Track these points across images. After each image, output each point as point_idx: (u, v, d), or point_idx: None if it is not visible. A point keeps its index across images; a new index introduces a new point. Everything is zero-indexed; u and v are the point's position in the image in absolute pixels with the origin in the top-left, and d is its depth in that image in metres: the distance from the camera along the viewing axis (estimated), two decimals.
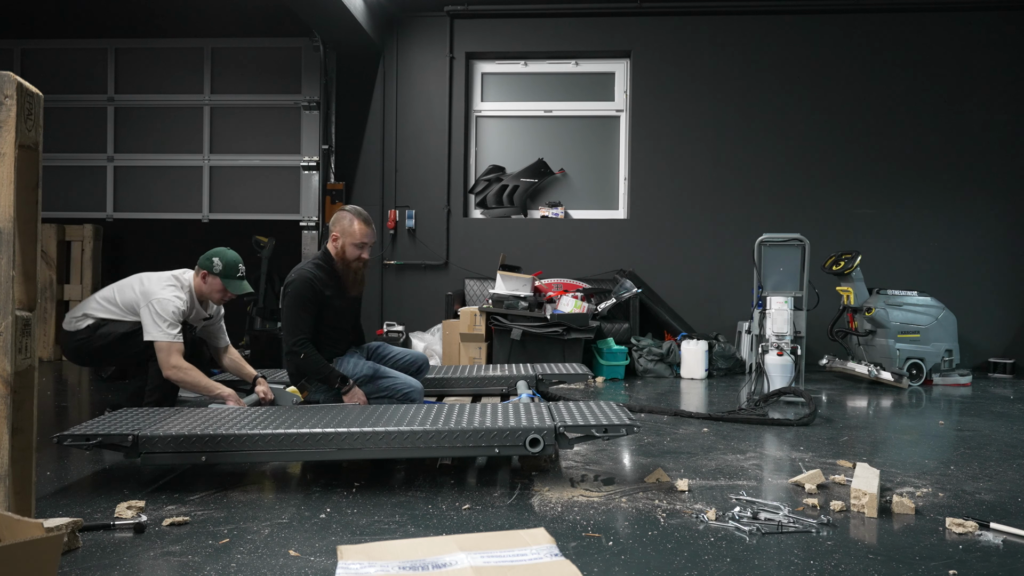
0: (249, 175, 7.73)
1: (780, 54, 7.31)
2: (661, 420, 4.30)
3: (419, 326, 7.15)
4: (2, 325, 1.95)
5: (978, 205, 7.18)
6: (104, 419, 2.98)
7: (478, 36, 7.56)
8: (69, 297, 7.01)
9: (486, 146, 7.74)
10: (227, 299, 3.90)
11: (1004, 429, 4.17)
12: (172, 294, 3.67)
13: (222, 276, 3.80)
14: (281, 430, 2.76)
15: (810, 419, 4.21)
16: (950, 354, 6.07)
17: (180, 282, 3.78)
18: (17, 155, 1.96)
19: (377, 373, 3.69)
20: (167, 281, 3.75)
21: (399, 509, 2.56)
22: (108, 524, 2.32)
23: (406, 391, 3.66)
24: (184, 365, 3.58)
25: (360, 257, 3.68)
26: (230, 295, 3.86)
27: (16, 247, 1.97)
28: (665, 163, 7.38)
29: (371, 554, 1.96)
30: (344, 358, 3.69)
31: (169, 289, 3.69)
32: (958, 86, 7.19)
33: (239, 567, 2.04)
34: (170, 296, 3.64)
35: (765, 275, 5.28)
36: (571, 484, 2.88)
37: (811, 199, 7.27)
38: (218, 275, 3.80)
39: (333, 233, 3.69)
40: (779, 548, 2.23)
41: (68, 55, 7.80)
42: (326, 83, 7.52)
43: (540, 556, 1.95)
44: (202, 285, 3.82)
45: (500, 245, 7.34)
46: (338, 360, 3.66)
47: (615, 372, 6.17)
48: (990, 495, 2.83)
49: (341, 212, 3.73)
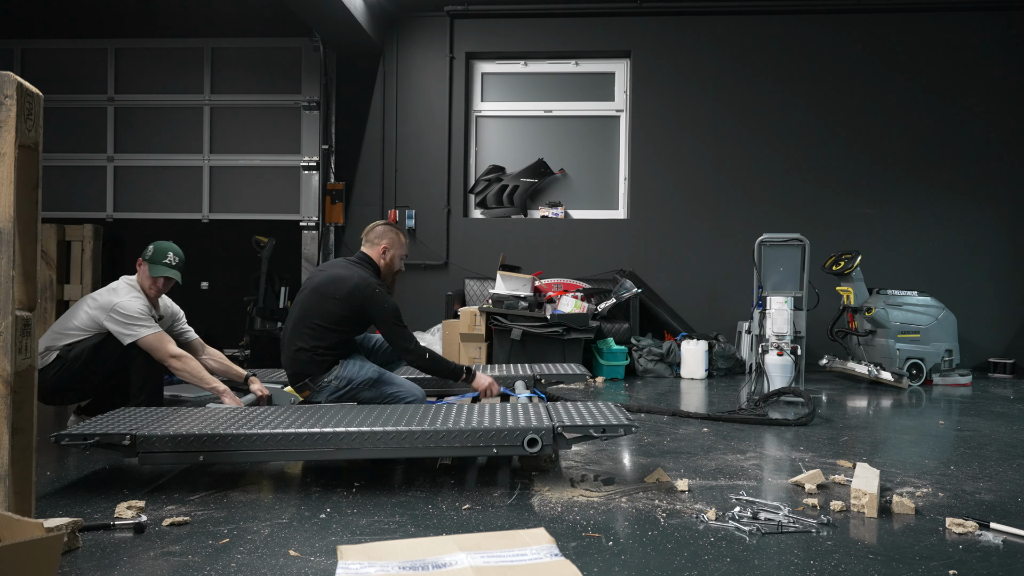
0: (249, 175, 7.73)
1: (780, 54, 7.31)
2: (661, 420, 4.30)
3: (419, 326, 7.15)
4: (2, 325, 1.95)
5: (978, 205, 7.18)
6: (102, 418, 2.98)
7: (478, 36, 7.56)
8: (69, 297, 7.01)
9: (486, 146, 7.74)
10: (158, 287, 3.74)
11: (1004, 429, 4.17)
12: (129, 296, 3.60)
13: (149, 261, 3.70)
14: (280, 430, 2.76)
15: (808, 419, 4.21)
16: (950, 354, 6.07)
17: (130, 285, 3.69)
18: (17, 155, 1.96)
19: (382, 378, 3.69)
20: (120, 288, 3.66)
21: (399, 509, 2.56)
22: (108, 524, 2.32)
23: (409, 400, 3.68)
24: (183, 353, 3.55)
25: (400, 269, 3.89)
26: (159, 283, 3.72)
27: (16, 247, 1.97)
28: (665, 163, 7.38)
29: (371, 554, 1.96)
30: (349, 360, 3.70)
31: (125, 292, 3.62)
32: (958, 86, 7.19)
33: (239, 567, 2.04)
34: (129, 298, 3.58)
35: (765, 275, 5.28)
36: (571, 484, 2.88)
37: (811, 199, 7.27)
38: (147, 260, 3.70)
39: (383, 244, 3.80)
40: (779, 548, 2.23)
41: (68, 55, 7.80)
42: (326, 83, 7.52)
43: (540, 556, 1.95)
44: (141, 277, 3.72)
45: (500, 245, 7.34)
46: (343, 362, 3.67)
47: (615, 372, 6.17)
48: (990, 495, 2.83)
49: (385, 227, 3.85)
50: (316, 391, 3.66)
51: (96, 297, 3.64)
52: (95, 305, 3.59)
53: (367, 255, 3.81)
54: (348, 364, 3.67)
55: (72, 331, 3.60)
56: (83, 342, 3.57)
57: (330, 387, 3.63)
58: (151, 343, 3.52)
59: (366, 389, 3.64)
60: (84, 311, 3.61)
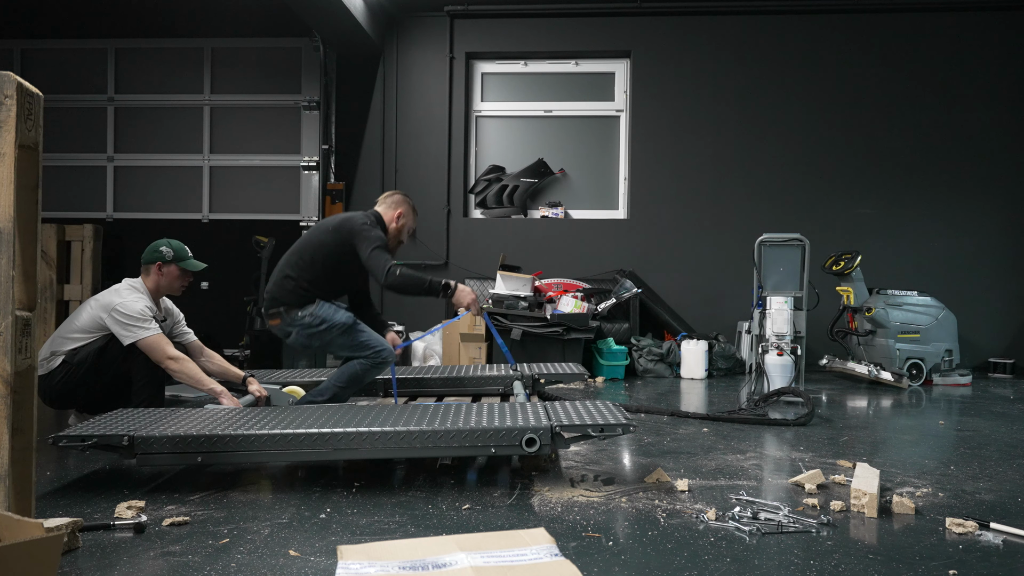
0: (249, 175, 7.73)
1: (780, 54, 7.31)
2: (661, 420, 4.30)
3: (420, 326, 7.16)
4: (2, 325, 1.95)
5: (978, 205, 7.18)
6: (101, 419, 2.98)
7: (478, 36, 7.56)
8: (69, 297, 7.01)
9: (486, 146, 7.74)
10: (187, 283, 3.88)
11: (1004, 429, 4.17)
12: (131, 296, 3.63)
13: (176, 260, 3.78)
14: (279, 430, 2.76)
15: (807, 419, 4.21)
16: (950, 354, 6.07)
17: (133, 286, 3.73)
18: (17, 155, 1.96)
19: (356, 327, 3.69)
20: (122, 287, 3.70)
21: (399, 509, 2.56)
22: (108, 524, 2.32)
23: (378, 348, 3.68)
24: (180, 355, 3.56)
25: (403, 241, 3.93)
26: (189, 278, 3.85)
27: (16, 247, 1.97)
28: (665, 163, 7.38)
29: (371, 554, 1.96)
30: (327, 303, 3.70)
31: (127, 292, 3.65)
32: (958, 86, 7.20)
33: (239, 567, 2.04)
34: (131, 298, 3.61)
35: (765, 275, 5.28)
36: (571, 484, 2.88)
37: (811, 199, 7.27)
38: (172, 261, 3.77)
39: (399, 211, 3.84)
40: (779, 548, 2.23)
41: (68, 55, 7.80)
42: (326, 83, 7.52)
43: (540, 556, 1.95)
44: (159, 279, 3.77)
45: (500, 245, 7.34)
46: (320, 302, 3.67)
47: (615, 372, 6.17)
48: (990, 495, 2.83)
49: (404, 197, 3.91)
50: (288, 322, 3.65)
51: (99, 298, 3.68)
52: (97, 305, 3.63)
53: (379, 213, 3.83)
54: (325, 305, 3.68)
55: (76, 334, 3.62)
56: (87, 347, 3.60)
57: (303, 322, 3.63)
58: (149, 344, 3.53)
59: (339, 335, 3.64)
60: (87, 312, 3.65)
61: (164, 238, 3.87)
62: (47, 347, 3.66)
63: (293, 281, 3.65)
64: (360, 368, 3.68)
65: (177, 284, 3.83)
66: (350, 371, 3.69)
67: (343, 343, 3.67)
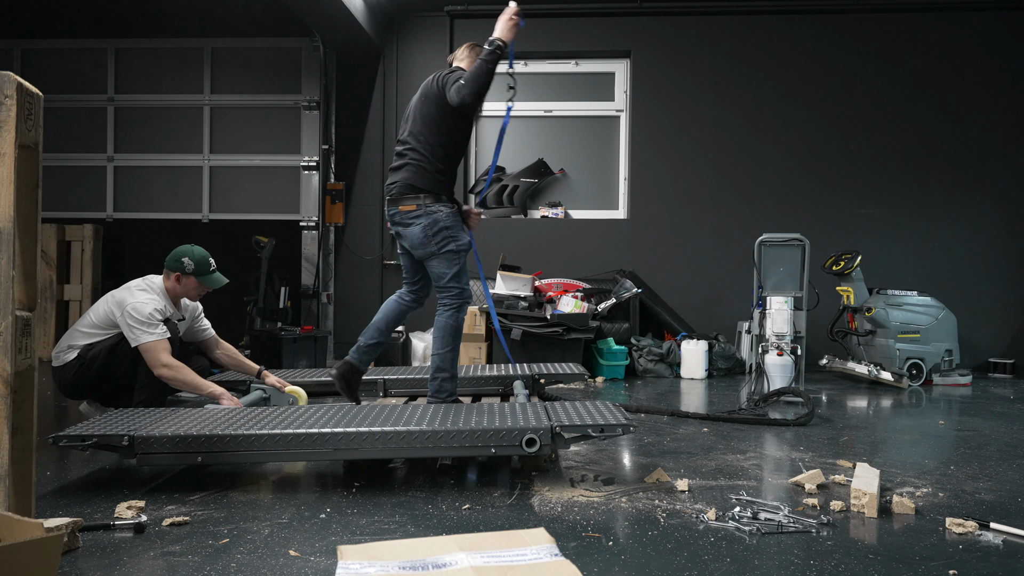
0: (249, 175, 7.73)
1: (780, 54, 7.31)
2: (661, 420, 4.30)
3: (420, 326, 7.15)
4: (2, 325, 1.95)
5: (978, 205, 7.18)
6: (100, 419, 2.98)
7: (478, 36, 7.51)
8: (69, 297, 7.01)
9: (486, 146, 7.74)
10: (204, 292, 3.91)
11: (1004, 429, 4.17)
12: (144, 297, 3.66)
13: (196, 274, 3.81)
14: (278, 430, 2.76)
15: (807, 419, 4.21)
16: (950, 354, 6.07)
17: (150, 286, 3.77)
18: (17, 155, 1.96)
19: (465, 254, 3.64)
20: (137, 287, 3.74)
21: (399, 509, 2.56)
22: (108, 524, 2.32)
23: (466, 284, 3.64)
24: (175, 363, 3.56)
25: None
26: (207, 289, 3.87)
27: (16, 247, 1.97)
28: (665, 163, 7.38)
29: (371, 554, 1.96)
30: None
31: (140, 293, 3.68)
32: (958, 86, 7.19)
33: (239, 567, 2.04)
34: (143, 299, 3.63)
35: (765, 275, 5.28)
36: (571, 484, 2.88)
37: (811, 199, 7.27)
38: (192, 274, 3.80)
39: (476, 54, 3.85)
40: (779, 548, 2.23)
41: (68, 55, 7.80)
42: (326, 83, 7.52)
43: (540, 556, 1.95)
44: (176, 287, 3.81)
45: (500, 245, 7.34)
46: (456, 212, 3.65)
47: (615, 372, 6.17)
48: (990, 495, 2.83)
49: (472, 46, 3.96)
50: (422, 211, 3.52)
51: (115, 294, 3.74)
52: (112, 301, 3.69)
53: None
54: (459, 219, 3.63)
55: (91, 328, 3.69)
56: (101, 343, 3.66)
57: (438, 215, 3.53)
58: (147, 349, 3.55)
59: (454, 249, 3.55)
60: (103, 307, 3.72)
61: (190, 245, 3.88)
62: (64, 339, 3.75)
63: (429, 173, 3.55)
64: (453, 320, 3.59)
65: (194, 293, 3.87)
66: (445, 330, 3.58)
67: (449, 260, 3.55)
